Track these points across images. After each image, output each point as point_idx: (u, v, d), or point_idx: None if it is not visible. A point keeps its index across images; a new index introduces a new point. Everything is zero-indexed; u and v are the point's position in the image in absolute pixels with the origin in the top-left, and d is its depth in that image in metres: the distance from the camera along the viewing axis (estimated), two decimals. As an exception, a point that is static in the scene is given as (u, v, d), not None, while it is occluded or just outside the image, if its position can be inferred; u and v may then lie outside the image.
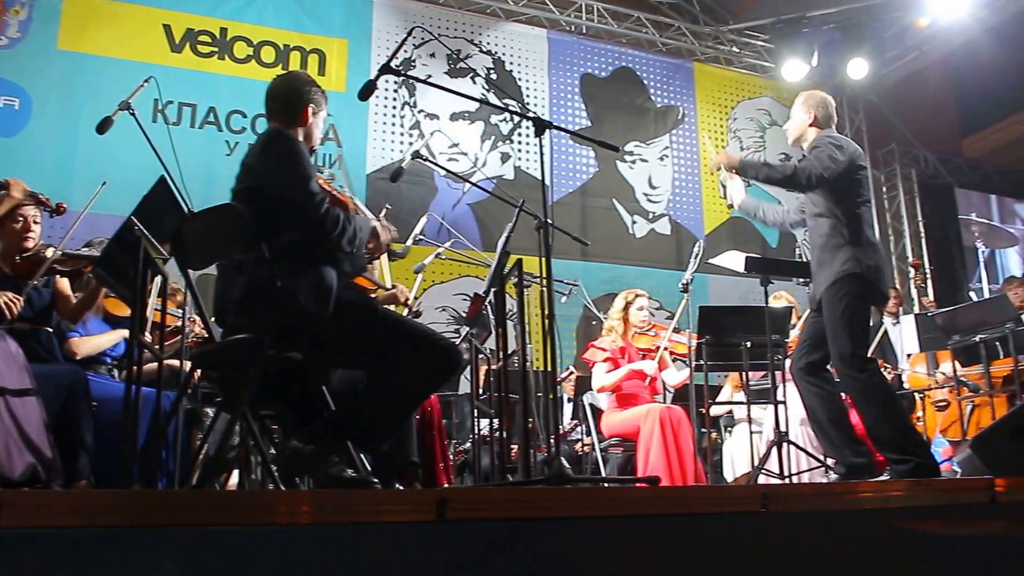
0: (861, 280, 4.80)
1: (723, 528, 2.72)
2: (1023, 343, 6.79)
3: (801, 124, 5.25)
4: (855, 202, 4.96)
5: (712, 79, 12.55)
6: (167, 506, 2.20)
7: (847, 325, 4.76)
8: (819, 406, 4.98)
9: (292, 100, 3.91)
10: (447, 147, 10.11)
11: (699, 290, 9.74)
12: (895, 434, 4.65)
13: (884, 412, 4.69)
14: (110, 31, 9.09)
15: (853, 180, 4.97)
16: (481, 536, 2.38)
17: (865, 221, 4.96)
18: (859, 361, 4.75)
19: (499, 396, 4.87)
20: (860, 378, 4.72)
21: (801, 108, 5.27)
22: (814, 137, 5.14)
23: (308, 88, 3.97)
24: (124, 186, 4.92)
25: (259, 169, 3.69)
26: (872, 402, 4.72)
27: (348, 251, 3.77)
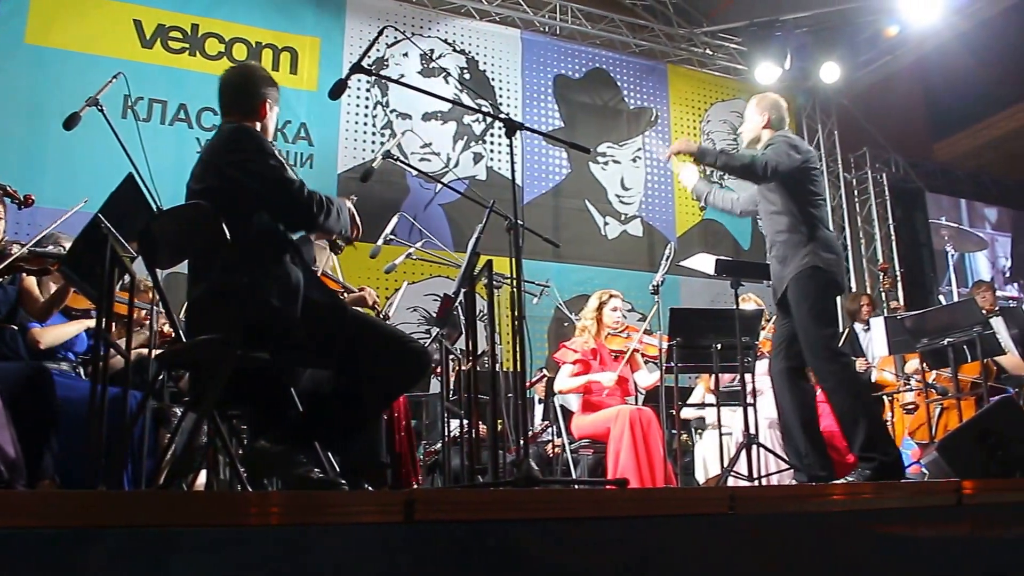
0: (821, 273, 4.87)
1: (691, 530, 2.73)
2: (990, 347, 6.85)
3: (755, 126, 5.34)
4: (811, 200, 5.03)
5: (685, 81, 12.58)
6: (133, 506, 2.17)
7: (815, 317, 4.82)
8: (792, 411, 5.03)
9: (248, 95, 3.86)
10: (419, 147, 10.07)
11: (671, 292, 9.76)
12: (865, 427, 4.69)
13: (856, 403, 4.76)
14: (79, 25, 8.99)
15: (808, 178, 5.05)
16: (449, 537, 2.38)
17: (821, 219, 5.03)
18: (831, 352, 4.81)
19: (468, 397, 4.85)
20: (834, 369, 4.77)
21: (755, 110, 5.35)
22: (769, 137, 5.21)
23: (264, 81, 3.92)
24: (92, 182, 4.88)
25: (226, 168, 3.61)
26: (847, 392, 4.77)
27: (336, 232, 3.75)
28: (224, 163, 3.63)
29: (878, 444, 4.68)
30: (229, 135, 3.75)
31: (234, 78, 3.94)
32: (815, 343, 4.80)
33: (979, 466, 4.64)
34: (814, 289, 4.86)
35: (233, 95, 3.87)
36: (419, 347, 3.68)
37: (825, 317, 4.87)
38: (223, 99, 3.88)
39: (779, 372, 5.10)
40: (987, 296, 8.14)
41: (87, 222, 3.92)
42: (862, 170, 13.42)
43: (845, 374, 4.80)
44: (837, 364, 4.79)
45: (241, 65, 4.17)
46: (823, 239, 4.96)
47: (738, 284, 5.91)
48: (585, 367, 6.90)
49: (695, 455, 7.64)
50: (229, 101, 3.87)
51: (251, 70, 4.06)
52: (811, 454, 4.94)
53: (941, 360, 7.02)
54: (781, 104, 5.37)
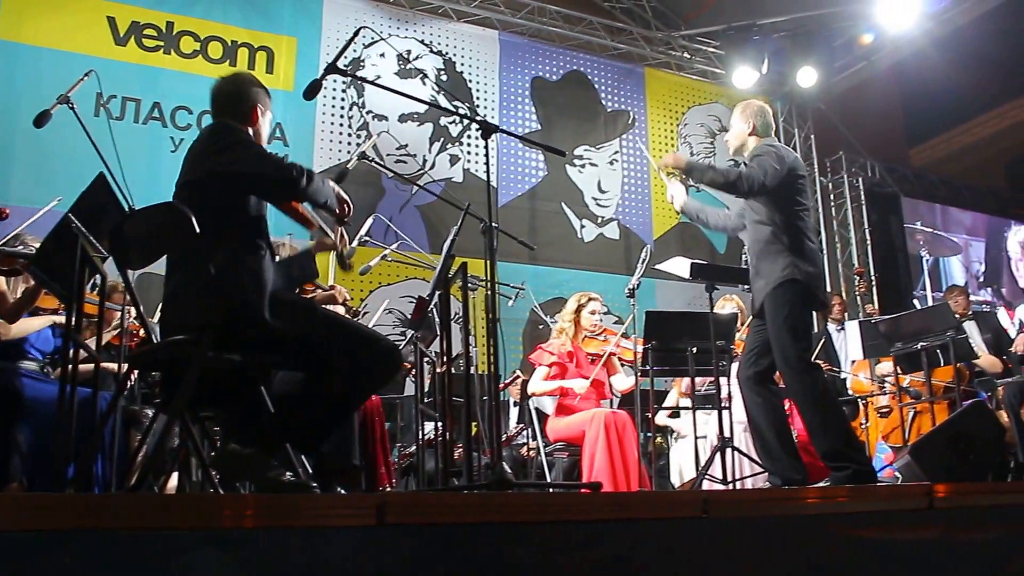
0: (800, 286, 4.85)
1: (665, 533, 2.71)
2: (963, 351, 6.87)
3: (741, 134, 5.32)
4: (794, 210, 5.01)
5: (663, 84, 12.61)
6: (101, 510, 2.13)
7: (790, 330, 4.79)
8: (762, 416, 5.02)
9: (240, 100, 3.85)
10: (395, 149, 10.05)
11: (647, 295, 9.77)
12: (835, 440, 4.70)
13: (826, 417, 4.75)
14: (52, 22, 8.91)
15: (793, 188, 5.02)
16: (421, 541, 2.36)
17: (804, 229, 5.01)
18: (804, 365, 4.79)
19: (443, 400, 4.84)
20: (805, 382, 4.76)
21: (740, 118, 5.34)
22: (755, 146, 5.19)
23: (255, 88, 3.92)
24: (63, 181, 4.84)
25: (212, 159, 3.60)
26: (816, 407, 4.76)
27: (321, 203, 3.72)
28: (205, 154, 3.64)
29: (850, 454, 4.68)
30: (211, 128, 3.79)
31: (226, 85, 3.93)
32: (788, 356, 4.78)
33: (951, 469, 4.68)
34: (791, 301, 4.84)
35: (224, 101, 3.87)
36: (390, 345, 3.67)
37: (800, 330, 4.84)
38: (214, 105, 3.88)
39: (746, 378, 5.10)
40: (960, 301, 8.19)
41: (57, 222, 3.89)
42: (838, 174, 13.48)
43: (816, 387, 4.78)
44: (809, 377, 4.78)
45: (233, 73, 4.18)
46: (805, 251, 4.94)
47: (713, 288, 5.91)
48: (561, 370, 6.87)
49: (670, 459, 7.64)
50: (220, 107, 3.87)
51: (242, 77, 4.06)
52: (783, 458, 4.93)
53: (915, 364, 7.04)
54: (766, 111, 5.35)
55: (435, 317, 5.64)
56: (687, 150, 12.42)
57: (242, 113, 3.83)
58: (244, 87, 3.91)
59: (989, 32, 12.33)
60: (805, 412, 4.84)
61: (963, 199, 14.99)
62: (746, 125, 5.28)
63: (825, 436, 4.72)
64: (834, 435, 4.71)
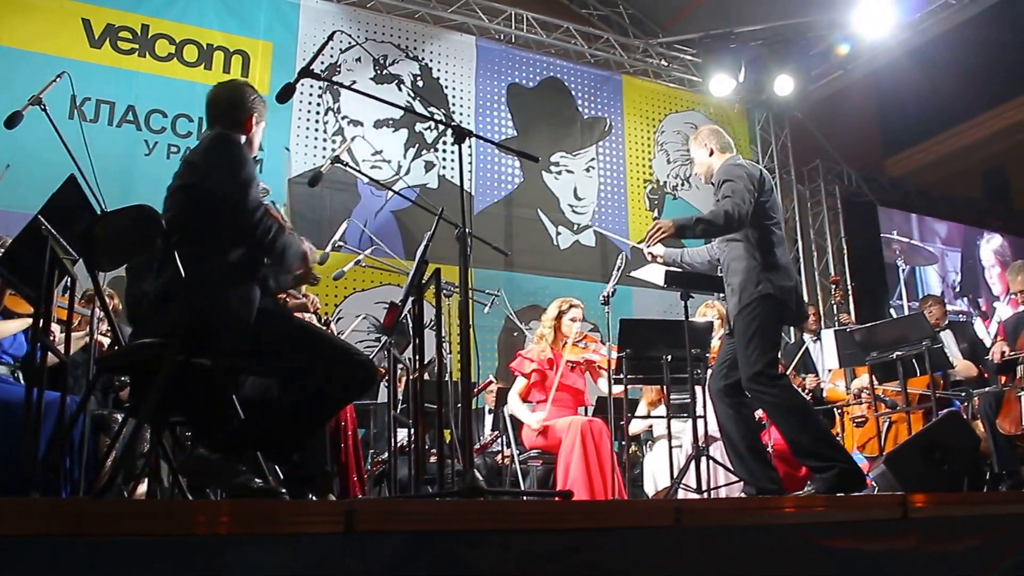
0: (774, 301, 4.85)
1: (637, 542, 2.69)
2: (939, 361, 6.88)
3: (703, 160, 5.38)
4: (765, 225, 5.01)
5: (640, 92, 12.61)
6: (66, 514, 2.09)
7: (757, 346, 4.80)
8: (735, 428, 5.03)
9: (237, 108, 3.87)
10: (370, 154, 10.01)
11: (623, 303, 9.76)
12: (814, 442, 4.70)
13: (800, 422, 4.75)
14: (26, 23, 8.85)
15: (760, 203, 5.01)
16: (390, 548, 2.32)
17: (777, 243, 5.01)
18: (767, 379, 4.78)
19: (415, 407, 4.81)
20: (771, 394, 4.76)
21: (696, 147, 5.41)
22: (719, 166, 5.21)
23: (252, 97, 3.94)
24: (34, 183, 4.80)
25: (202, 168, 3.62)
26: (787, 415, 4.77)
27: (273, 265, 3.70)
28: (201, 162, 3.65)
29: (832, 455, 4.68)
30: (213, 138, 3.78)
31: (223, 92, 3.96)
32: (755, 369, 4.77)
33: (926, 479, 4.68)
34: (763, 316, 4.84)
35: (219, 108, 3.88)
36: (364, 359, 3.65)
37: (766, 343, 4.84)
38: (210, 112, 3.90)
39: (717, 391, 5.11)
40: (935, 310, 8.19)
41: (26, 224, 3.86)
42: (815, 183, 13.53)
43: (782, 397, 4.77)
44: (775, 388, 4.77)
45: (231, 80, 4.18)
46: (778, 266, 4.94)
47: (688, 296, 5.88)
48: (541, 377, 6.82)
49: (644, 467, 7.61)
50: (216, 114, 3.88)
51: (240, 85, 4.08)
52: (757, 468, 4.94)
53: (890, 373, 7.04)
54: (717, 130, 5.42)
55: (409, 323, 5.62)
56: (664, 157, 12.43)
57: (239, 122, 3.85)
58: (242, 95, 3.94)
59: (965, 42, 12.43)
60: (778, 422, 4.86)
61: (939, 209, 15.09)
62: (704, 150, 5.33)
63: (805, 441, 4.73)
64: (811, 437, 4.72)
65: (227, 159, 3.64)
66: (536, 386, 6.85)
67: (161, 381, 3.21)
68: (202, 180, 3.59)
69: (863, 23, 10.98)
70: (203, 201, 3.55)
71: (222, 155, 3.66)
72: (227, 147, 3.70)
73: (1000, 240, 15.39)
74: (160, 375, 3.22)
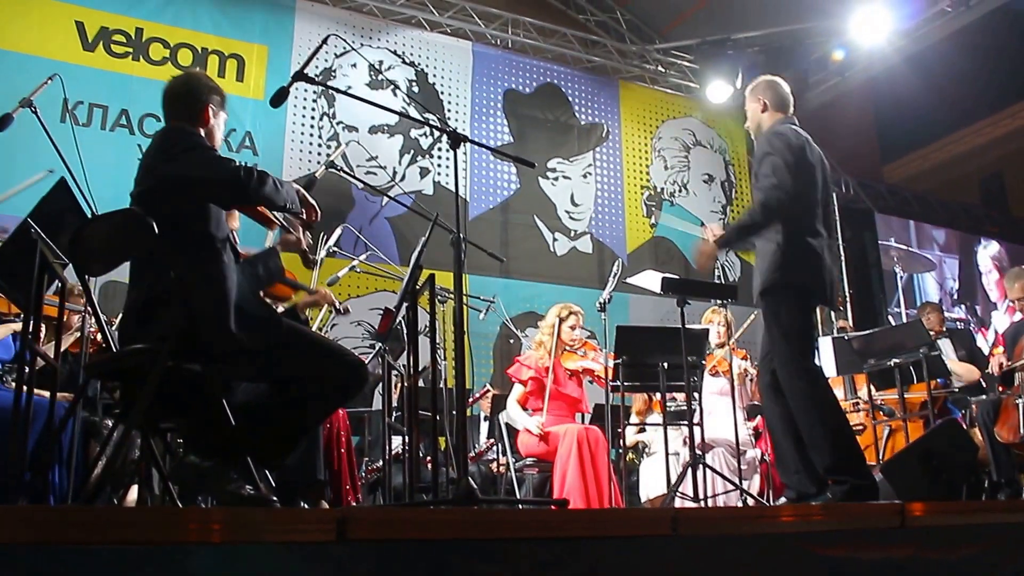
0: (791, 288, 4.66)
1: (632, 551, 2.67)
2: (936, 368, 6.83)
3: (754, 114, 5.13)
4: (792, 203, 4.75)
5: (637, 97, 12.58)
6: (55, 522, 2.05)
7: (783, 333, 4.63)
8: (779, 425, 4.76)
9: (191, 100, 3.80)
10: (365, 160, 9.96)
11: (619, 309, 9.72)
12: (832, 448, 4.46)
13: (823, 423, 4.49)
14: (18, 25, 8.78)
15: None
16: (383, 557, 2.30)
17: (802, 226, 4.73)
18: (799, 368, 4.58)
19: (410, 414, 4.77)
20: (800, 385, 4.55)
21: (750, 98, 5.16)
22: (768, 126, 5.00)
23: (207, 88, 3.87)
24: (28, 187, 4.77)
25: (157, 165, 3.57)
26: (811, 411, 4.52)
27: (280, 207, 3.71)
28: (156, 162, 3.60)
29: (850, 467, 4.45)
30: (162, 134, 3.76)
31: (176, 86, 3.88)
32: (783, 358, 4.61)
33: (923, 488, 4.63)
34: (782, 304, 4.65)
35: (174, 102, 3.82)
36: (356, 360, 3.64)
37: (794, 332, 4.62)
38: (165, 107, 3.84)
39: (765, 386, 4.86)
40: (933, 317, 8.16)
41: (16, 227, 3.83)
42: (812, 190, 13.48)
43: (813, 391, 4.55)
44: (804, 381, 4.56)
45: (185, 73, 4.14)
46: (798, 250, 4.67)
47: (685, 302, 5.84)
48: (537, 385, 6.79)
49: (640, 475, 7.58)
50: (171, 109, 3.82)
51: (194, 77, 4.02)
52: (800, 470, 4.66)
53: (888, 381, 7.00)
54: (775, 83, 5.15)
55: (404, 329, 5.59)
56: (661, 163, 12.39)
57: (193, 114, 3.79)
58: (195, 87, 3.87)
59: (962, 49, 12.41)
60: (800, 416, 4.57)
61: (937, 216, 15.07)
62: (757, 104, 5.09)
63: (823, 446, 4.48)
64: (832, 445, 4.46)
65: (180, 144, 3.61)
66: (534, 394, 6.82)
67: (150, 387, 3.17)
68: (159, 178, 3.54)
69: (860, 30, 10.95)
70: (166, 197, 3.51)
71: (173, 143, 3.63)
72: (176, 135, 3.69)
73: (998, 247, 15.37)
74: (150, 380, 3.18)
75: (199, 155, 3.58)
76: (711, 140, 12.85)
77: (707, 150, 12.74)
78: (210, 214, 3.59)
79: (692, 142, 12.66)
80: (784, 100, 5.10)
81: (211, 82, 3.93)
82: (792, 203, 4.68)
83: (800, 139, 4.86)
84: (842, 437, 4.54)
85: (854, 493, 4.32)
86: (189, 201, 3.54)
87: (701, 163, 12.67)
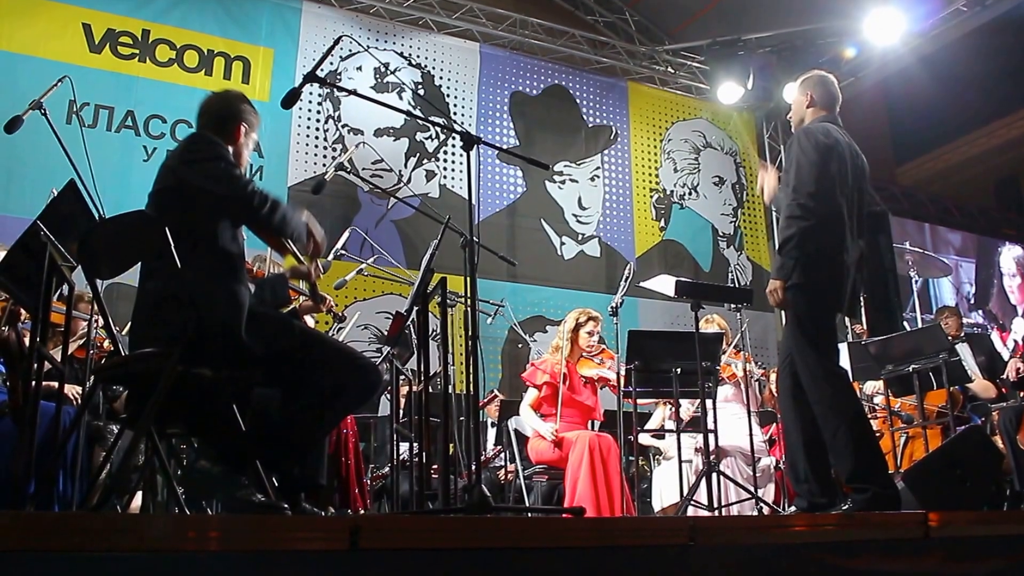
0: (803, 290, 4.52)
1: (650, 561, 2.62)
2: (956, 374, 6.72)
3: (798, 107, 5.00)
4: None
5: (646, 99, 12.51)
6: (61, 529, 2.03)
7: (802, 335, 4.51)
8: (795, 429, 4.62)
9: (225, 118, 3.86)
10: (371, 163, 9.90)
11: (629, 314, 9.64)
12: (855, 456, 4.31)
13: (847, 432, 4.34)
14: (26, 27, 8.81)
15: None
16: (396, 566, 2.29)
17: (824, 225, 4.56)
18: (823, 372, 4.45)
19: (419, 419, 4.71)
20: (823, 390, 4.42)
21: (799, 91, 5.00)
22: (807, 123, 4.87)
23: (242, 107, 3.92)
24: (31, 189, 4.73)
25: (179, 167, 3.60)
26: (833, 418, 4.38)
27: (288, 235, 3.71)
28: (177, 163, 3.62)
29: (872, 475, 4.31)
30: (188, 139, 3.80)
31: (215, 100, 3.94)
32: (805, 362, 4.48)
33: (947, 497, 4.52)
34: (801, 306, 4.53)
35: (208, 118, 3.86)
36: (369, 363, 3.64)
37: (811, 335, 4.51)
38: (199, 118, 3.88)
39: (784, 389, 4.72)
40: (952, 322, 8.05)
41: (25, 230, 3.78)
42: (825, 192, 13.39)
43: (837, 398, 4.41)
44: (827, 385, 4.42)
45: (225, 90, 4.15)
46: (815, 251, 4.54)
47: (698, 306, 5.77)
48: (551, 390, 6.72)
49: (652, 482, 7.50)
50: (205, 123, 3.86)
51: (230, 95, 4.06)
52: (811, 479, 4.52)
53: (906, 387, 6.88)
54: (828, 81, 4.98)
55: (411, 334, 5.54)
56: (671, 166, 12.30)
57: (226, 130, 3.81)
58: (232, 105, 3.90)
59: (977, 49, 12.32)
60: (822, 423, 4.43)
61: (952, 219, 14.98)
62: (804, 97, 4.94)
63: (845, 453, 4.33)
64: (855, 453, 4.31)
65: (204, 152, 3.63)
66: (547, 399, 6.75)
67: (160, 392, 3.13)
68: (179, 180, 3.55)
69: (874, 30, 10.85)
70: (183, 202, 3.52)
71: (197, 150, 3.65)
72: (201, 142, 3.71)
73: (1021, 250, 15.27)
74: (160, 385, 3.13)
75: (219, 168, 3.57)
76: (722, 142, 12.78)
77: (717, 152, 12.66)
78: (228, 224, 3.61)
79: (702, 144, 12.59)
80: (832, 98, 4.95)
81: (248, 101, 3.98)
82: (816, 204, 4.55)
83: (831, 137, 4.70)
84: (865, 444, 4.40)
85: (876, 502, 4.21)
86: (200, 210, 3.54)
87: (711, 165, 12.60)
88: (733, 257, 12.28)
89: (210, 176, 3.52)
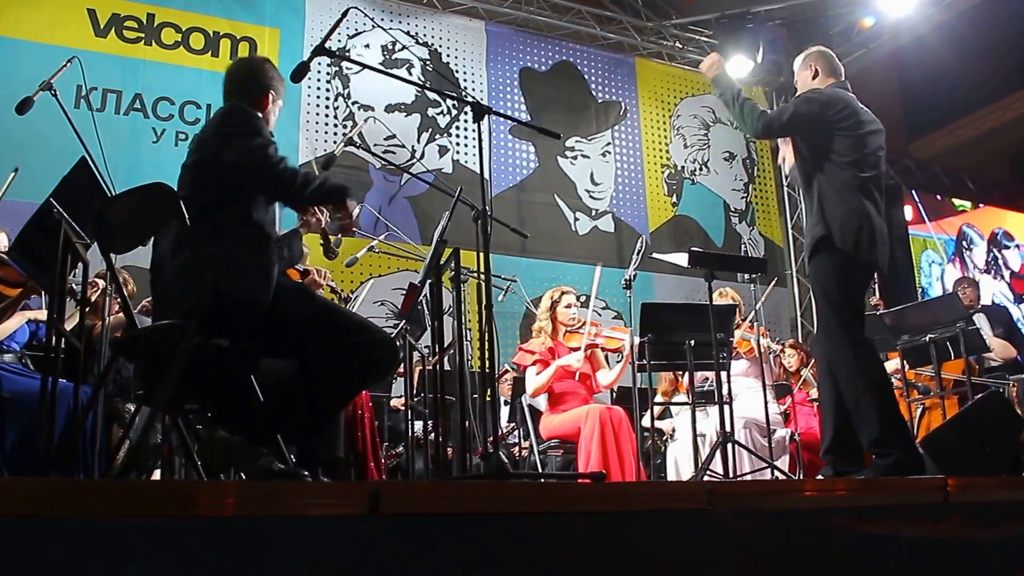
0: (830, 245, 4.46)
1: (667, 526, 2.63)
2: (974, 343, 6.66)
3: (805, 82, 4.95)
4: (833, 160, 4.58)
5: (655, 75, 12.46)
6: (84, 495, 2.02)
7: (825, 296, 4.50)
8: (827, 398, 4.59)
9: (253, 85, 3.87)
10: (383, 139, 9.90)
11: (643, 288, 9.62)
12: (880, 421, 4.28)
13: (868, 396, 4.31)
14: (32, 14, 8.82)
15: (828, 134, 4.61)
16: (415, 531, 2.28)
17: (844, 180, 4.52)
18: (843, 335, 4.42)
19: (435, 395, 4.72)
20: (845, 355, 4.40)
21: (801, 67, 5.00)
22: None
23: (271, 73, 3.92)
24: (42, 173, 4.74)
25: (214, 140, 3.62)
26: (855, 382, 4.35)
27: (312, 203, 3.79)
28: (213, 135, 3.65)
29: (896, 440, 4.28)
30: (224, 111, 3.79)
31: (241, 67, 3.98)
32: (827, 324, 4.48)
33: (966, 463, 4.49)
34: (823, 264, 4.49)
35: (236, 84, 3.87)
36: (387, 338, 3.63)
37: (838, 296, 4.45)
38: (226, 87, 3.87)
39: (820, 355, 4.72)
40: (969, 292, 8.00)
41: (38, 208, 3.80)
42: (838, 166, 13.34)
43: (860, 363, 4.36)
44: (850, 352, 4.38)
45: (250, 56, 4.19)
46: (840, 204, 4.47)
47: (712, 277, 5.75)
48: (544, 366, 6.71)
49: (667, 456, 7.49)
50: (233, 89, 3.86)
51: (259, 61, 4.11)
52: (835, 449, 4.50)
53: (923, 357, 6.83)
54: (826, 53, 5.00)
55: (424, 310, 5.54)
56: (680, 142, 12.27)
57: (254, 98, 3.82)
58: (260, 72, 3.91)
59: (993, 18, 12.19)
60: (845, 390, 4.39)
61: (967, 192, 14.89)
62: (808, 71, 4.92)
63: (869, 419, 4.29)
64: (879, 418, 4.27)
65: (241, 127, 3.62)
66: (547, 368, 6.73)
67: (179, 364, 3.13)
68: (214, 153, 3.57)
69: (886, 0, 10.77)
70: (218, 175, 3.53)
71: (235, 124, 3.65)
72: (239, 116, 3.71)
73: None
74: (177, 358, 3.13)
75: (253, 144, 3.57)
76: (731, 117, 12.69)
77: (727, 127, 12.57)
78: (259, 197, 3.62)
79: (712, 119, 12.54)
80: (836, 67, 4.94)
81: (275, 70, 3.97)
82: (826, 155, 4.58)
83: (840, 96, 4.69)
84: (889, 410, 4.37)
85: (898, 466, 4.19)
86: (234, 184, 3.55)
87: (721, 141, 12.56)
88: (745, 232, 12.25)
89: (246, 154, 3.53)
